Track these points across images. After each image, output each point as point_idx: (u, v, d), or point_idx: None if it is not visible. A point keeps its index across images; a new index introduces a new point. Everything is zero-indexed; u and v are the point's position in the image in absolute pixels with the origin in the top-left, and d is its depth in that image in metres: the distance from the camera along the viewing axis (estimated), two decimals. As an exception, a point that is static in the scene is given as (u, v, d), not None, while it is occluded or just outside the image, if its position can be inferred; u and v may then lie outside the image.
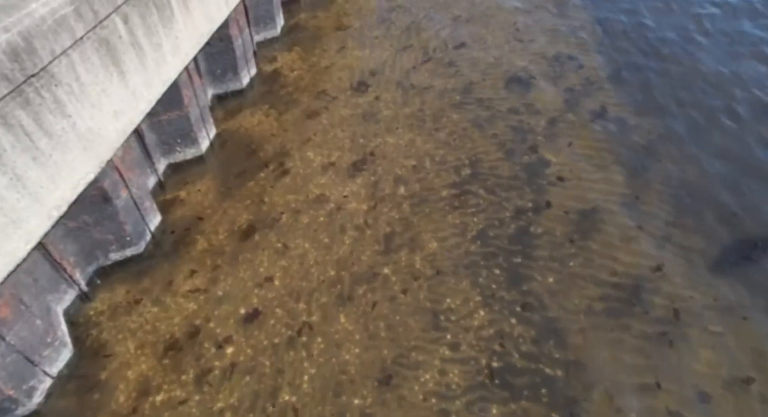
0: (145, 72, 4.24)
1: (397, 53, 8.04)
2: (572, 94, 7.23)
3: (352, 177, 6.00)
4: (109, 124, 3.84)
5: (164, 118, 5.41)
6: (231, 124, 6.68)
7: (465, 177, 6.02)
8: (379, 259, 5.13)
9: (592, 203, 5.63)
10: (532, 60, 7.91)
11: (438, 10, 9.09)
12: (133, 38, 4.01)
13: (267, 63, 7.81)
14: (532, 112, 6.93)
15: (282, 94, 7.22)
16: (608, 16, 8.92)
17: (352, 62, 7.86)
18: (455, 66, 7.78)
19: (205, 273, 4.95)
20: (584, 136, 6.53)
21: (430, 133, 6.62)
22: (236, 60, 6.74)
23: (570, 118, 6.82)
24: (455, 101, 7.12)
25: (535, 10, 9.07)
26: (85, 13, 3.46)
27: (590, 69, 7.71)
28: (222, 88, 6.96)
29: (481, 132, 6.64)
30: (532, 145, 6.41)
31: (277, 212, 5.55)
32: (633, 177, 5.91)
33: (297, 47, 8.18)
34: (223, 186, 5.82)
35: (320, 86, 7.36)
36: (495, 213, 5.58)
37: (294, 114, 6.88)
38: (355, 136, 6.56)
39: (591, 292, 4.81)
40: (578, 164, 6.12)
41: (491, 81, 7.49)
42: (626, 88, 7.32)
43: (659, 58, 7.80)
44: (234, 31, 6.49)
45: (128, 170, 4.54)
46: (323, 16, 9.01)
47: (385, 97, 7.18)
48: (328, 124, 6.74)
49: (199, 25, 5.10)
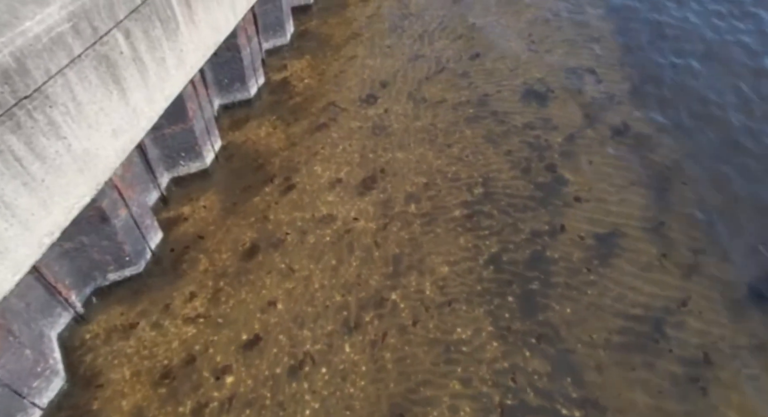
0: (147, 88, 4.07)
1: (409, 63, 7.82)
2: (591, 108, 6.96)
3: (361, 194, 5.78)
4: (107, 144, 3.66)
5: (168, 132, 5.24)
6: (237, 135, 6.50)
7: (478, 196, 5.78)
8: (388, 283, 4.91)
9: (612, 227, 5.37)
10: (549, 72, 7.65)
11: (452, 18, 8.85)
12: (134, 54, 3.84)
13: (276, 71, 7.63)
14: (548, 128, 6.68)
15: (290, 104, 7.03)
16: (628, 27, 8.63)
17: (362, 71, 7.65)
18: (469, 77, 7.54)
19: (206, 295, 4.76)
20: (603, 154, 6.26)
21: (442, 148, 6.38)
22: (244, 69, 6.56)
23: (589, 134, 6.55)
24: (469, 115, 6.88)
25: (552, 19, 8.80)
26: (83, 30, 3.28)
27: (610, 82, 7.43)
28: (229, 98, 6.79)
29: (496, 148, 6.40)
30: (548, 163, 6.15)
31: (283, 231, 5.36)
32: (655, 199, 5.64)
33: (307, 55, 7.99)
34: (228, 202, 5.64)
35: (329, 97, 7.16)
36: (509, 236, 5.34)
37: (302, 126, 6.68)
38: (365, 151, 6.35)
39: (610, 324, 4.55)
40: (597, 184, 5.86)
41: (507, 93, 7.24)
42: (648, 103, 7.03)
43: (682, 73, 7.50)
44: (242, 41, 6.31)
45: (128, 188, 4.36)
46: (334, 22, 8.81)
47: (396, 110, 6.96)
48: (337, 137, 6.53)
49: (205, 37, 4.92)
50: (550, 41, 8.29)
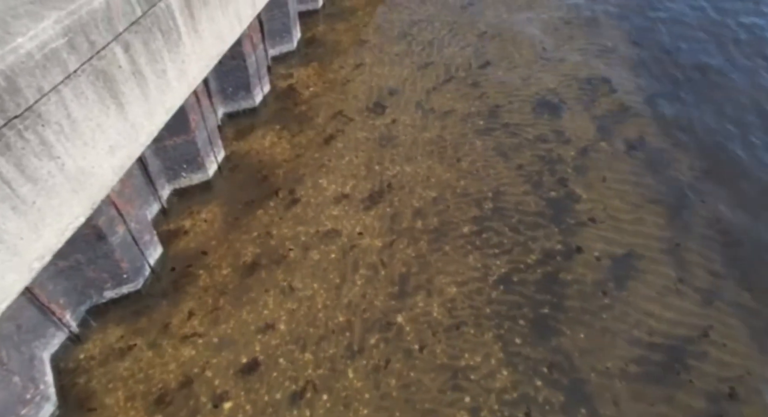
0: (147, 102, 3.92)
1: (418, 71, 7.64)
2: (605, 121, 6.75)
3: (367, 209, 5.61)
4: (104, 162, 3.51)
5: (169, 144, 5.09)
6: (241, 145, 6.35)
7: (487, 212, 5.59)
8: (394, 304, 4.73)
9: (627, 248, 5.15)
10: (562, 82, 7.45)
11: (462, 25, 8.67)
12: (134, 67, 3.69)
13: (282, 79, 7.48)
14: (561, 141, 6.47)
15: (296, 113, 6.88)
16: (643, 34, 8.40)
17: (370, 80, 7.48)
18: (479, 87, 7.35)
19: (205, 314, 4.61)
20: (618, 169, 6.04)
21: (451, 161, 6.20)
22: (249, 78, 6.42)
23: (603, 148, 6.34)
24: (479, 126, 6.69)
25: (564, 27, 8.59)
26: (80, 45, 3.14)
27: (624, 93, 7.22)
28: (233, 107, 6.64)
29: (506, 162, 6.20)
30: (561, 178, 5.95)
31: (286, 247, 5.19)
32: (673, 219, 5.42)
33: (314, 62, 7.83)
34: (230, 215, 5.48)
35: (336, 106, 6.99)
36: (520, 255, 5.14)
37: (308, 136, 6.52)
38: (371, 163, 6.17)
39: (626, 352, 4.34)
40: (611, 202, 5.65)
41: (518, 104, 7.05)
42: (664, 115, 6.81)
43: (701, 86, 7.27)
44: (247, 48, 6.16)
45: (126, 204, 4.22)
46: (342, 28, 8.66)
47: (404, 120, 6.78)
48: (343, 149, 6.36)
49: (208, 47, 4.77)
50: (562, 50, 8.08)
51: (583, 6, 9.11)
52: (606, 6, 9.09)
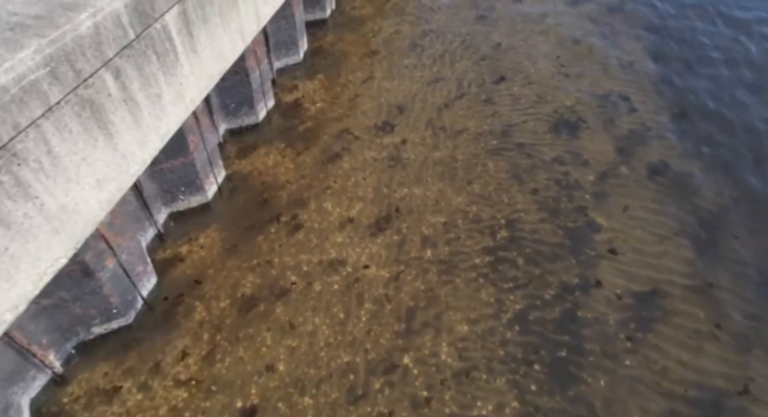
0: (140, 129, 3.65)
1: (429, 86, 7.34)
2: (626, 142, 6.40)
3: (373, 235, 5.32)
4: (90, 197, 3.25)
5: (166, 167, 4.83)
6: (243, 164, 6.08)
7: (501, 241, 5.27)
8: (400, 343, 4.43)
9: (652, 284, 4.82)
10: (580, 99, 7.11)
11: (475, 36, 8.35)
12: (125, 94, 3.42)
13: (287, 92, 7.21)
14: (579, 163, 6.14)
15: (301, 130, 6.60)
16: (664, 50, 8.04)
17: (378, 95, 7.19)
18: (493, 103, 7.03)
19: (200, 351, 4.33)
20: (640, 196, 5.70)
21: (463, 184, 5.89)
22: (252, 93, 6.15)
23: (623, 172, 5.99)
24: (492, 146, 6.37)
25: (583, 39, 8.25)
26: (63, 74, 2.87)
27: (646, 112, 6.87)
28: (236, 123, 6.38)
29: (521, 185, 5.88)
30: (579, 206, 5.62)
31: (287, 277, 4.91)
32: (702, 253, 5.07)
33: (320, 75, 7.55)
34: (229, 241, 5.21)
35: (343, 122, 6.71)
36: (536, 290, 4.82)
37: (312, 155, 6.24)
38: (379, 185, 5.88)
39: (654, 405, 4.01)
40: (634, 232, 5.31)
41: (533, 123, 6.72)
42: (689, 137, 6.45)
43: (727, 104, 6.90)
44: (251, 63, 5.89)
45: (117, 236, 3.95)
46: (350, 38, 8.37)
47: (414, 139, 6.48)
48: (350, 169, 6.07)
49: (208, 67, 4.50)
50: (580, 64, 7.74)
51: (601, 19, 8.76)
52: (624, 20, 8.73)
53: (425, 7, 9.14)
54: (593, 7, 9.05)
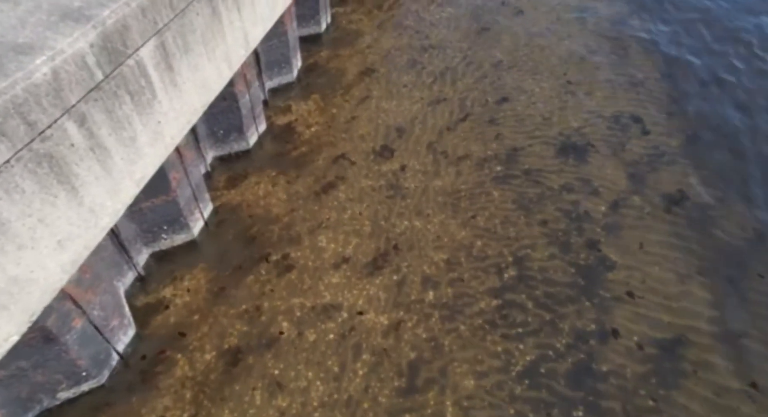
0: (110, 178, 3.29)
1: (429, 106, 6.98)
2: (638, 168, 6.05)
3: (371, 275, 4.95)
4: (49, 261, 2.88)
5: (146, 206, 4.46)
6: (232, 195, 5.71)
7: (509, 281, 4.91)
8: (401, 402, 4.06)
9: (674, 332, 4.46)
10: (588, 120, 6.75)
11: (477, 52, 8.00)
12: (92, 141, 3.06)
13: (279, 114, 6.84)
14: (589, 192, 5.78)
15: (294, 156, 6.23)
16: (674, 65, 7.69)
17: (376, 116, 6.83)
18: (497, 125, 6.68)
19: (181, 414, 3.96)
20: (656, 229, 5.34)
21: (466, 216, 5.52)
22: (242, 119, 5.78)
23: (637, 202, 5.63)
24: (496, 173, 6.01)
25: (589, 55, 7.90)
26: (12, 130, 2.50)
27: (659, 134, 6.51)
28: (225, 150, 6.01)
29: (528, 217, 5.52)
30: (590, 240, 5.26)
31: (277, 325, 4.53)
32: (727, 294, 4.71)
33: (315, 95, 7.19)
34: (216, 283, 4.84)
35: (339, 147, 6.34)
36: (547, 338, 4.46)
37: (306, 183, 5.87)
38: (377, 217, 5.51)
39: (679, 475, 3.66)
40: (651, 271, 4.95)
41: (540, 147, 6.36)
42: (706, 162, 6.09)
43: (745, 128, 6.54)
44: (240, 88, 5.53)
45: (87, 292, 3.58)
46: (347, 54, 8.01)
47: (414, 165, 6.11)
48: (346, 200, 5.71)
49: (191, 101, 4.14)
50: (588, 82, 7.39)
51: (608, 33, 8.41)
52: (633, 32, 8.39)
53: (425, 20, 8.79)
54: (599, 20, 8.71)
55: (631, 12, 8.91)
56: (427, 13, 8.97)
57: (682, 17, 8.75)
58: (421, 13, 9.00)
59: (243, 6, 4.77)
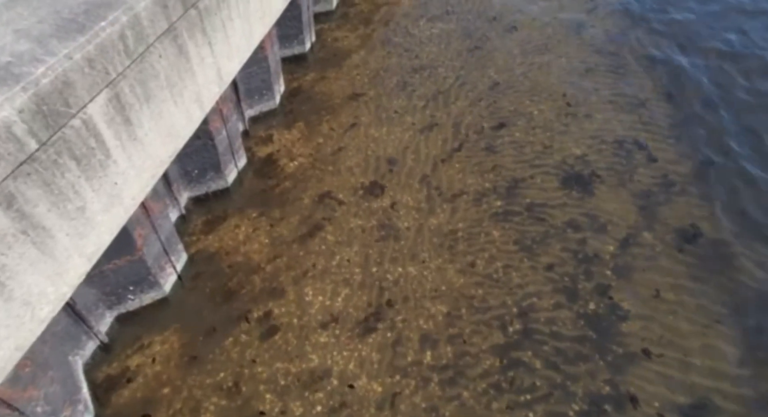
0: (52, 259, 2.81)
1: (422, 134, 6.54)
2: (647, 200, 5.66)
3: (363, 334, 4.49)
4: (-27, 374, 2.41)
5: (109, 268, 3.97)
6: (209, 241, 5.22)
7: (513, 336, 4.48)
8: (399, 489, 3.62)
9: (698, 395, 4.05)
10: (591, 146, 6.36)
11: (470, 72, 7.58)
12: (24, 223, 2.58)
13: (261, 145, 6.37)
14: (596, 228, 5.38)
15: (277, 193, 5.76)
16: (676, 83, 7.33)
17: (365, 146, 6.38)
18: (494, 154, 6.26)
19: None
20: (670, 271, 4.94)
21: (465, 260, 5.09)
22: (218, 156, 5.30)
23: (647, 240, 5.24)
24: (496, 209, 5.59)
25: (587, 75, 7.51)
26: None
27: (666, 161, 6.13)
28: (201, 190, 5.52)
29: (532, 259, 5.10)
30: (600, 285, 4.85)
31: (260, 396, 4.06)
32: (753, 347, 4.31)
33: (299, 122, 6.72)
34: (190, 349, 4.35)
35: (325, 183, 5.88)
36: (558, 404, 4.03)
37: (290, 225, 5.40)
38: (368, 263, 5.06)
39: None
40: (667, 321, 4.54)
41: (541, 178, 5.95)
42: (718, 192, 5.71)
43: (756, 153, 6.19)
44: (215, 125, 5.05)
45: (26, 390, 3.09)
46: (333, 76, 7.55)
47: (406, 202, 5.67)
48: (334, 243, 5.25)
49: (155, 153, 3.67)
50: (588, 104, 7.00)
51: (605, 49, 8.03)
52: (631, 47, 8.01)
53: (414, 37, 8.36)
54: (595, 35, 8.34)
55: (626, 26, 8.55)
56: (417, 29, 8.55)
57: (680, 31, 8.41)
58: (411, 28, 8.57)
59: (215, 40, 4.30)
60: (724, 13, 8.76)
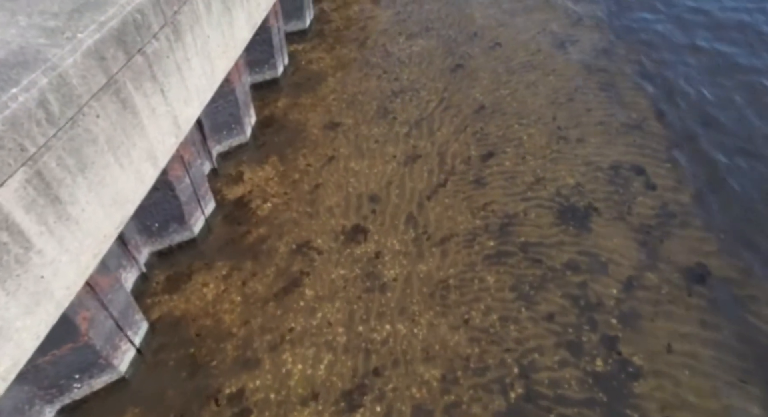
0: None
1: (405, 166, 6.08)
2: (648, 236, 5.28)
3: (350, 411, 4.01)
4: None
5: (46, 361, 3.41)
6: (174, 303, 4.67)
7: (516, 403, 4.04)
8: None
9: (722, 468, 3.69)
10: (585, 174, 5.98)
11: (454, 94, 7.15)
12: None
13: (232, 185, 5.83)
14: (597, 269, 4.98)
15: (250, 241, 5.24)
16: (669, 100, 7.00)
17: (345, 182, 5.89)
18: (484, 187, 5.83)
19: None
20: (681, 318, 4.56)
21: (459, 313, 4.64)
22: (181, 207, 4.77)
23: (653, 281, 4.86)
24: (489, 251, 5.15)
25: (576, 94, 7.15)
26: None
27: (666, 189, 5.78)
28: (163, 244, 4.97)
29: (530, 308, 4.67)
30: (606, 337, 4.45)
31: None
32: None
33: (273, 157, 6.20)
34: (151, 439, 3.83)
35: (303, 227, 5.38)
36: (571, 486, 3.62)
37: (265, 280, 4.89)
38: (352, 322, 4.58)
39: None
40: (682, 377, 4.15)
41: (535, 213, 5.54)
42: (722, 222, 5.35)
43: (760, 170, 5.86)
44: (176, 174, 4.52)
45: None
46: (308, 102, 7.05)
47: (392, 246, 5.20)
48: (314, 299, 4.75)
49: (97, 229, 3.13)
50: (580, 127, 6.62)
51: (593, 64, 7.68)
52: (620, 63, 7.67)
53: (393, 56, 7.91)
54: (581, 49, 7.99)
55: (613, 39, 8.22)
56: (396, 47, 8.10)
57: (669, 43, 8.12)
58: (389, 47, 8.12)
59: (168, 87, 3.78)
60: (710, 25, 8.52)
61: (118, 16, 3.14)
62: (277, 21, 6.84)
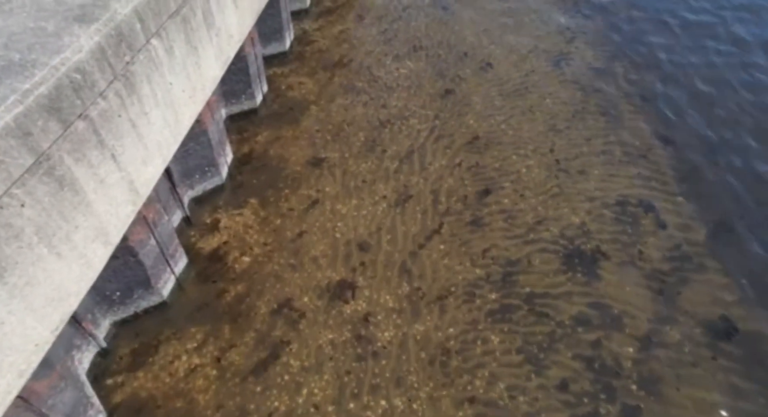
0: None
1: (397, 207, 5.60)
2: (663, 283, 4.86)
3: None
4: None
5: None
6: (139, 382, 4.12)
7: None
8: None
9: None
10: (590, 211, 5.55)
11: (446, 122, 6.68)
12: None
13: (206, 235, 5.29)
14: (610, 324, 4.54)
15: (227, 302, 4.71)
16: (674, 125, 6.62)
17: (332, 227, 5.39)
18: (482, 230, 5.36)
19: None
20: (709, 384, 4.11)
21: (462, 383, 4.16)
22: (146, 272, 4.23)
23: (673, 338, 4.43)
24: (491, 305, 4.69)
25: (575, 119, 6.73)
26: None
27: (677, 228, 5.37)
28: (127, 312, 4.42)
29: (540, 374, 4.21)
30: (627, 408, 3.99)
31: None
32: None
33: (252, 200, 5.68)
34: None
35: (286, 282, 4.85)
36: None
37: (244, 350, 4.36)
38: (342, 398, 4.07)
39: None
40: (713, 455, 3.75)
41: (539, 258, 5.09)
42: (742, 265, 4.93)
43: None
44: (139, 237, 3.98)
45: None
46: (290, 135, 6.53)
47: (384, 304, 4.70)
48: (299, 371, 4.24)
49: (28, 335, 2.60)
50: (580, 157, 6.18)
51: (591, 85, 7.27)
52: (618, 84, 7.28)
53: (380, 80, 7.43)
54: (577, 69, 7.58)
55: (609, 57, 7.83)
56: (383, 70, 7.62)
57: (667, 58, 7.76)
58: (375, 70, 7.64)
59: (121, 150, 3.25)
60: (714, 38, 8.17)
61: (49, 80, 2.61)
62: (253, 47, 6.32)
